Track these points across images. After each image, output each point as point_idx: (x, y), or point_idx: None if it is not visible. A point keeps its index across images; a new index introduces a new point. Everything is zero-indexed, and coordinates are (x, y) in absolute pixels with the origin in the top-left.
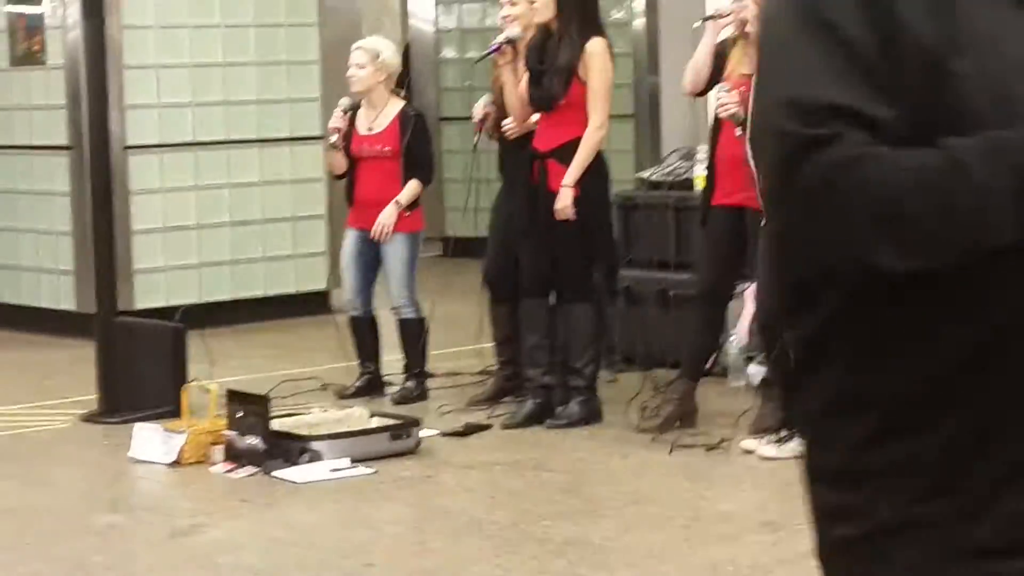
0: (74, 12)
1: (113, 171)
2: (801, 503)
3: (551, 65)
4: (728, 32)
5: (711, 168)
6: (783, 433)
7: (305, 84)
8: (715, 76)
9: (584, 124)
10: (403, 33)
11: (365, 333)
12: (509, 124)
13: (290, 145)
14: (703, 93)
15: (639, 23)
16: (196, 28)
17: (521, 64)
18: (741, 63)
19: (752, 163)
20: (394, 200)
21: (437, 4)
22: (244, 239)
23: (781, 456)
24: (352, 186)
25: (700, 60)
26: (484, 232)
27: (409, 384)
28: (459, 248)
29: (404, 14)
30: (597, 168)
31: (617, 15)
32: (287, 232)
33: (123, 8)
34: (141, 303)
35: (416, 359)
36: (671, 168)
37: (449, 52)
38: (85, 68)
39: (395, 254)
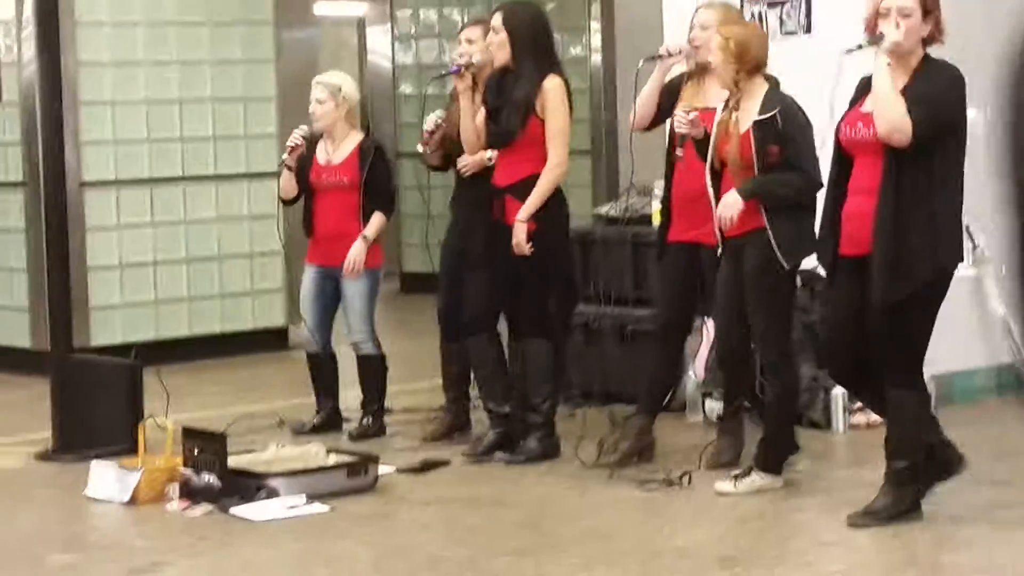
0: (29, 48)
1: (69, 207)
2: (756, 537)
3: (508, 101)
4: (681, 67)
5: (666, 204)
6: (739, 469)
7: (262, 120)
8: (667, 112)
9: (542, 161)
10: (361, 69)
11: (324, 369)
12: (464, 162)
13: (247, 181)
14: (649, 128)
15: (596, 59)
16: (152, 64)
17: (479, 97)
18: (696, 98)
19: (712, 196)
20: (361, 236)
21: (394, 40)
22: (201, 275)
23: (737, 492)
24: (311, 219)
25: (645, 96)
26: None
27: (367, 420)
28: (416, 283)
29: (362, 50)
30: (556, 204)
31: (574, 51)
32: (244, 268)
33: (79, 44)
34: (97, 340)
35: (375, 395)
36: (628, 203)
37: (407, 88)
38: (40, 104)
39: (356, 289)
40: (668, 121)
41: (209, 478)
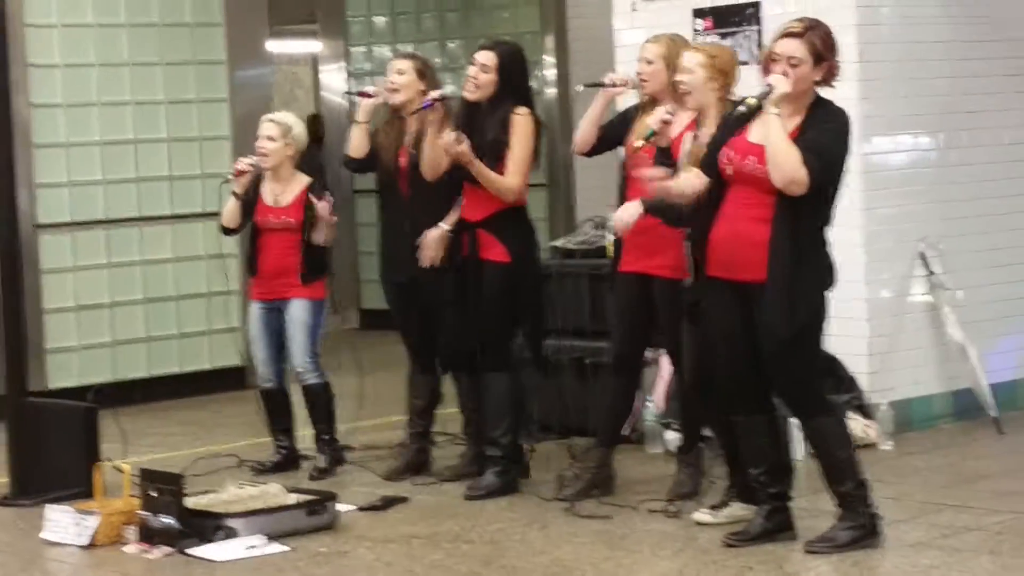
0: None
1: (23, 250)
2: (718, 569)
3: (480, 141)
4: (635, 98)
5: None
6: (720, 499)
7: (217, 159)
8: (617, 140)
9: None
10: (316, 105)
11: (278, 405)
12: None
13: (202, 221)
14: (591, 154)
15: (551, 92)
16: (106, 105)
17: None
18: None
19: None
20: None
21: (348, 77)
22: (158, 316)
23: (716, 522)
24: (255, 256)
25: (585, 121)
26: None
27: (324, 460)
28: (375, 320)
29: (317, 87)
30: (527, 239)
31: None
32: (201, 308)
33: (31, 86)
34: (54, 383)
35: (324, 425)
36: (584, 236)
37: None
38: None
39: (297, 319)
40: (619, 150)
41: (167, 519)
